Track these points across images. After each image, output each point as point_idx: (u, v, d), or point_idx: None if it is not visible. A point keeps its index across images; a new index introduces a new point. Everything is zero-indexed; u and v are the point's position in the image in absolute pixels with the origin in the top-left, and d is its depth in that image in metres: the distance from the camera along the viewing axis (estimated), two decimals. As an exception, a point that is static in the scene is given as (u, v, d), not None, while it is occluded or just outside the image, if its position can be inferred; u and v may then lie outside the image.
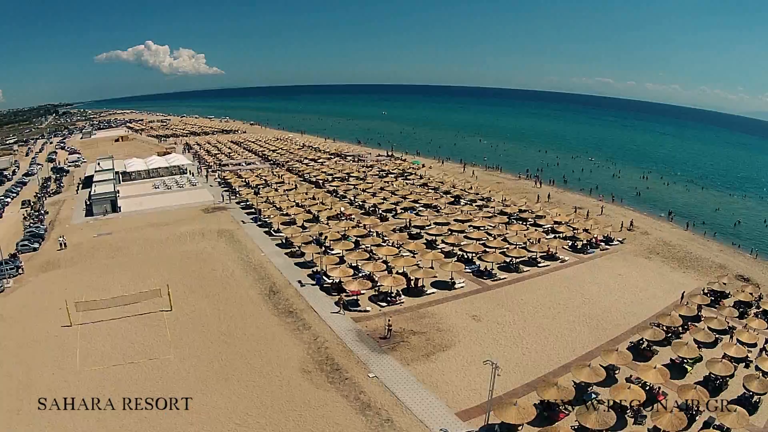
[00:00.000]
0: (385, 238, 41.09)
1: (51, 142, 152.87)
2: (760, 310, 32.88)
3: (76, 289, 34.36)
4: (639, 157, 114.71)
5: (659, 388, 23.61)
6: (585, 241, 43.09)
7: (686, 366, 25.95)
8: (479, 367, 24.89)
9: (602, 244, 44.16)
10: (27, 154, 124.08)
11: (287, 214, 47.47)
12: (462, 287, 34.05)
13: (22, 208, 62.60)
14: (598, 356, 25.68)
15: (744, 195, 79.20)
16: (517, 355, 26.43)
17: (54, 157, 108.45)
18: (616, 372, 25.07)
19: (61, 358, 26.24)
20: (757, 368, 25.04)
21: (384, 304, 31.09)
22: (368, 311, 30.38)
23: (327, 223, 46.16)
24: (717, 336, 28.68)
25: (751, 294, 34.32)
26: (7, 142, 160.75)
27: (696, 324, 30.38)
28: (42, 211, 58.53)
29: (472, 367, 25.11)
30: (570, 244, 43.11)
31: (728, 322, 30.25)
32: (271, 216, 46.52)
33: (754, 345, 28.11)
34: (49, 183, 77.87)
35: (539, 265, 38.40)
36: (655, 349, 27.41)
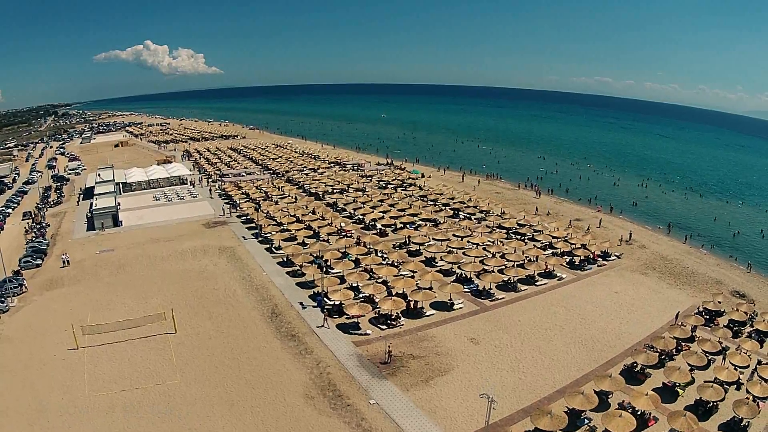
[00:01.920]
0: (385, 256, 41.65)
1: (51, 146, 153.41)
2: (753, 329, 33.52)
3: (80, 310, 34.89)
4: (638, 162, 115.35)
5: (651, 413, 24.25)
6: (582, 257, 43.65)
7: (678, 389, 26.60)
8: (476, 392, 25.50)
9: (599, 259, 44.73)
10: (27, 160, 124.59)
11: (288, 230, 48.00)
12: (461, 308, 34.65)
13: (23, 219, 63.03)
14: (592, 380, 26.28)
15: (741, 202, 79.88)
16: (514, 380, 27.02)
17: (54, 163, 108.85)
18: (609, 396, 25.68)
19: (70, 382, 26.75)
20: (747, 391, 25.76)
21: (384, 326, 31.67)
22: (369, 334, 30.97)
23: (327, 240, 46.71)
24: (710, 357, 29.35)
25: (745, 313, 34.95)
26: (7, 146, 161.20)
27: (690, 345, 31.03)
28: (43, 224, 58.95)
29: (470, 392, 25.71)
30: (568, 260, 43.66)
31: (721, 343, 30.85)
32: (272, 233, 47.05)
33: (747, 367, 28.76)
34: (49, 192, 78.24)
35: (537, 283, 38.98)
36: (648, 372, 28.04)
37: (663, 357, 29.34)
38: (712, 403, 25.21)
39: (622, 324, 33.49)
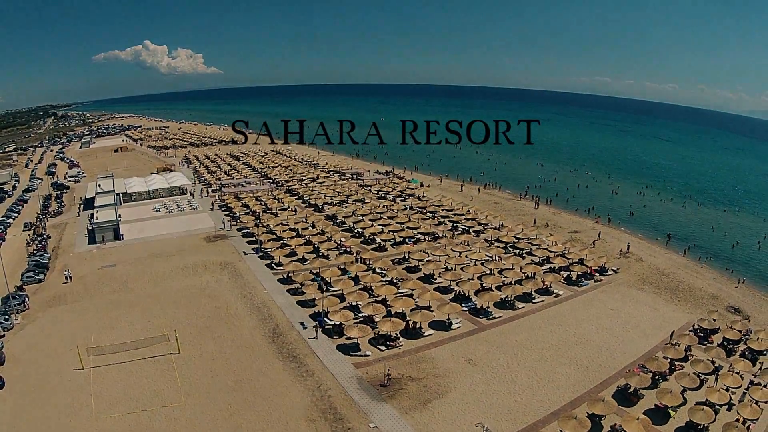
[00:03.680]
0: (384, 273, 42.17)
1: (51, 150, 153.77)
2: (747, 347, 34.10)
3: (84, 328, 35.39)
4: (636, 169, 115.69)
5: (643, 436, 24.81)
6: (579, 273, 44.18)
7: (670, 411, 27.21)
8: (473, 415, 26.20)
9: (597, 274, 45.22)
10: (26, 165, 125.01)
11: (288, 245, 48.50)
12: (458, 327, 35.21)
13: (24, 230, 63.43)
14: (585, 403, 26.82)
15: (738, 210, 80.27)
16: (509, 402, 27.56)
17: (53, 170, 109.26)
18: (602, 419, 26.22)
19: (77, 404, 27.24)
20: (738, 413, 26.36)
21: (383, 347, 32.23)
22: (368, 355, 31.53)
23: (327, 255, 47.21)
24: (703, 378, 29.93)
25: (739, 331, 35.48)
26: (6, 150, 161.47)
27: (683, 364, 31.61)
28: (44, 236, 59.38)
29: (467, 415, 26.33)
30: (565, 275, 44.16)
31: (714, 363, 31.42)
32: (273, 248, 47.57)
33: (739, 387, 29.35)
34: (49, 201, 78.57)
35: (534, 300, 39.50)
36: (641, 394, 28.65)
37: (656, 378, 29.96)
38: (702, 426, 25.81)
39: (617, 343, 34.04)
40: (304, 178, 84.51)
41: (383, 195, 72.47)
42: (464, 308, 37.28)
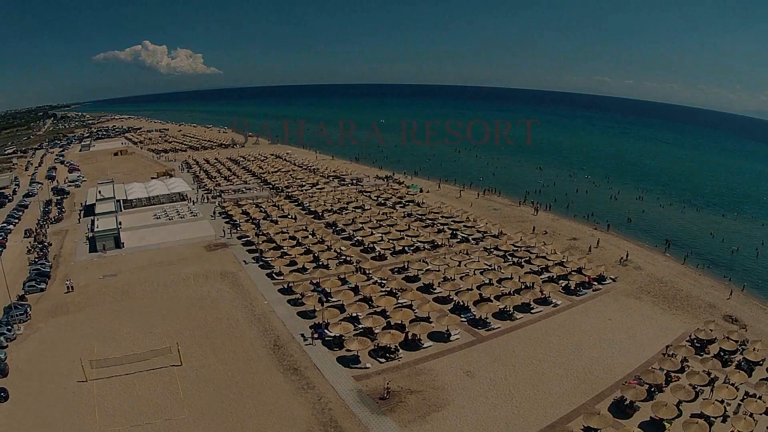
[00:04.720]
0: (384, 282, 42.48)
1: (51, 153, 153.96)
2: (743, 357, 34.42)
3: (86, 339, 35.72)
4: (636, 172, 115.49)
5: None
6: (577, 282, 44.45)
7: (665, 424, 27.55)
8: (471, 428, 26.52)
9: (595, 283, 45.50)
10: (26, 168, 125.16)
11: (288, 254, 48.78)
12: (457, 338, 35.54)
13: (25, 237, 63.64)
14: (582, 416, 27.15)
15: (737, 214, 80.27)
16: (506, 415, 27.88)
17: (53, 174, 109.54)
18: (598, 432, 26.58)
19: (82, 418, 27.60)
20: (732, 424, 26.70)
21: (383, 359, 32.57)
22: (368, 368, 31.86)
23: (327, 265, 47.51)
24: (699, 389, 30.27)
25: (735, 341, 35.79)
26: (6, 153, 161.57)
27: (679, 375, 31.95)
28: (45, 243, 59.63)
29: (465, 427, 26.70)
30: (564, 284, 44.44)
31: (710, 374, 31.75)
32: (273, 258, 47.86)
33: (734, 398, 29.67)
34: (50, 207, 78.76)
35: (532, 311, 39.82)
36: (637, 406, 28.99)
37: (652, 390, 30.28)
38: (697, 439, 26.11)
39: (614, 354, 34.34)
40: (304, 183, 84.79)
41: (383, 202, 72.76)
42: (463, 319, 37.60)
